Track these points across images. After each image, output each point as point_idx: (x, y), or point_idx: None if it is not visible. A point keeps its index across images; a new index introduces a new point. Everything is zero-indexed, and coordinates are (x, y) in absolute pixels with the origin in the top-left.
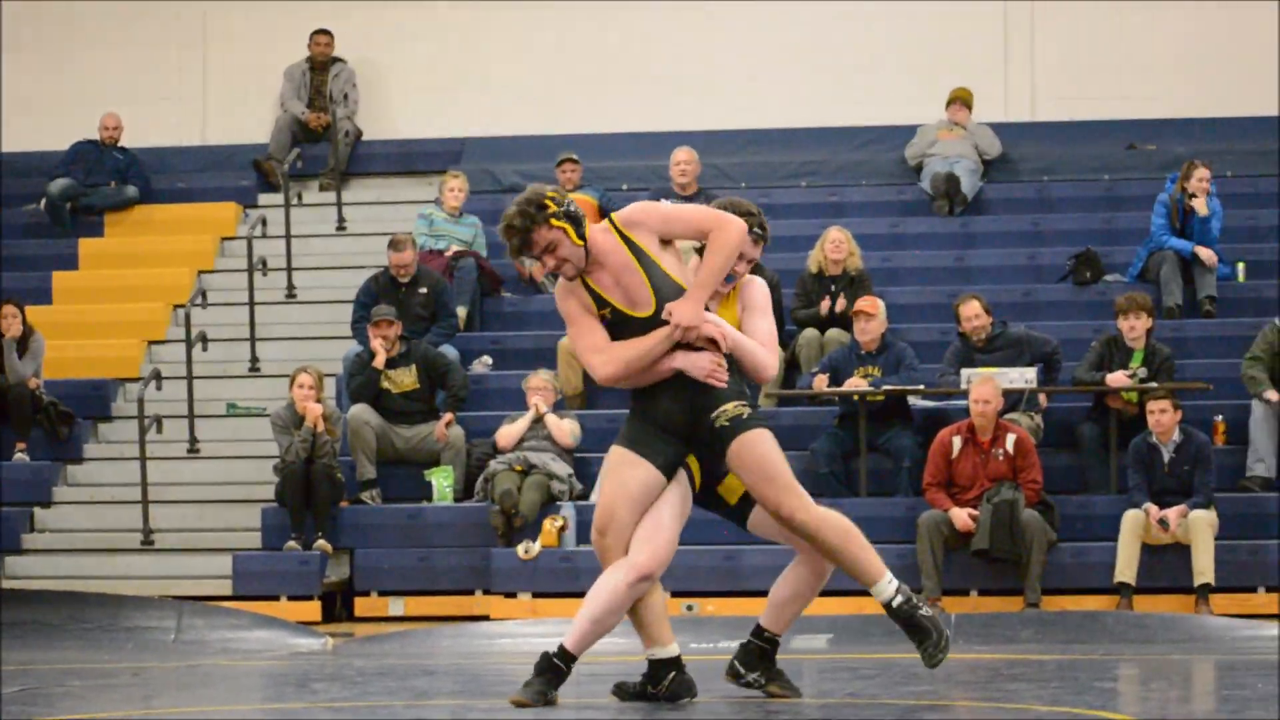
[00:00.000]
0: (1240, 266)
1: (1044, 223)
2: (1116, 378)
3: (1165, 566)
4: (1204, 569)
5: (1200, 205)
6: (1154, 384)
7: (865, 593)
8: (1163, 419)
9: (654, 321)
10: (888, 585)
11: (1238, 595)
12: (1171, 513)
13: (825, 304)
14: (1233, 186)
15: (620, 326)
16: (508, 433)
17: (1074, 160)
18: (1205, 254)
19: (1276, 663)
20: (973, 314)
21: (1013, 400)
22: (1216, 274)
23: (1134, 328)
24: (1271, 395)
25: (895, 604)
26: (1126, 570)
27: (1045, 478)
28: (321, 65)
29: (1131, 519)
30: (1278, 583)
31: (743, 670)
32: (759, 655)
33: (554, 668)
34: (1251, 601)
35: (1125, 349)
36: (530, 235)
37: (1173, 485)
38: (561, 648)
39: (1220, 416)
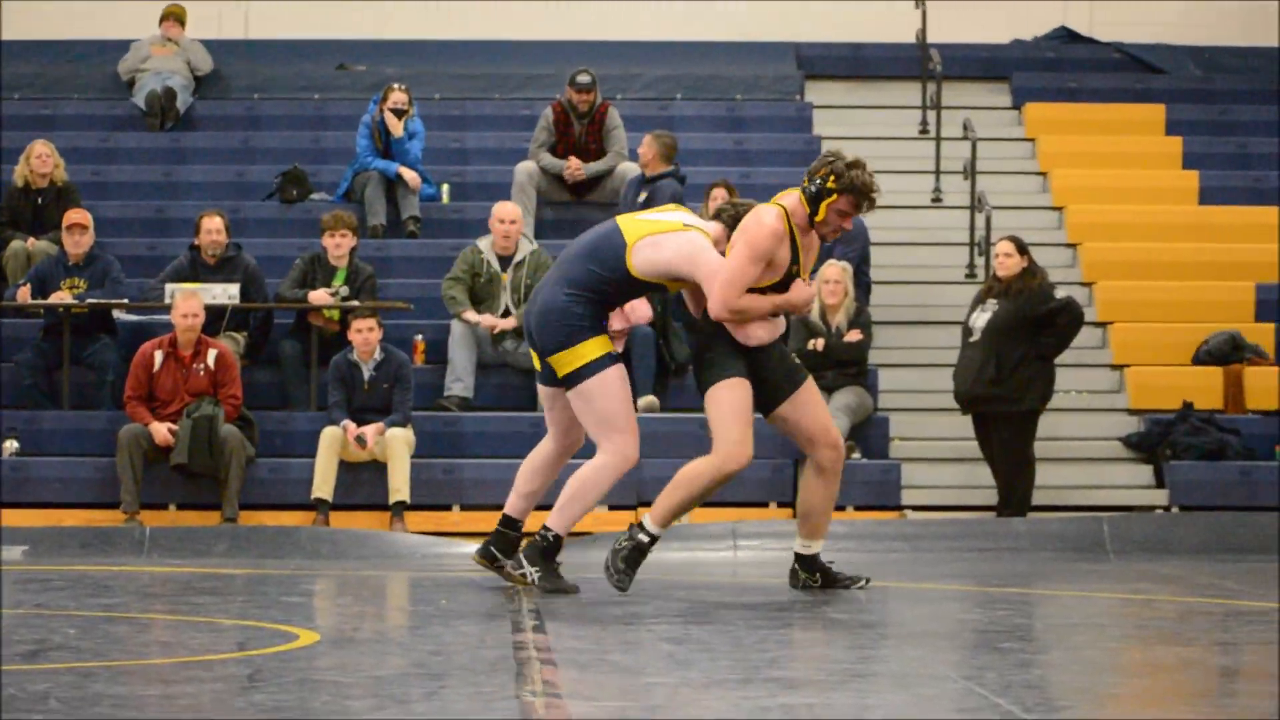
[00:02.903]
0: (445, 188)
1: (254, 140)
2: (319, 295)
3: (363, 483)
4: (399, 486)
5: (396, 126)
6: (356, 302)
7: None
8: (365, 337)
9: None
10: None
11: (433, 513)
12: (369, 430)
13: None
14: (441, 109)
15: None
16: None
17: (285, 79)
18: (408, 175)
19: (467, 580)
20: (214, 228)
21: (219, 314)
22: (420, 195)
23: (338, 245)
24: (471, 315)
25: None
26: (324, 486)
27: (246, 394)
28: None
29: (330, 435)
30: (472, 501)
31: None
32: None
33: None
34: (446, 519)
35: (329, 267)
36: None
37: (372, 403)
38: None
39: (421, 336)
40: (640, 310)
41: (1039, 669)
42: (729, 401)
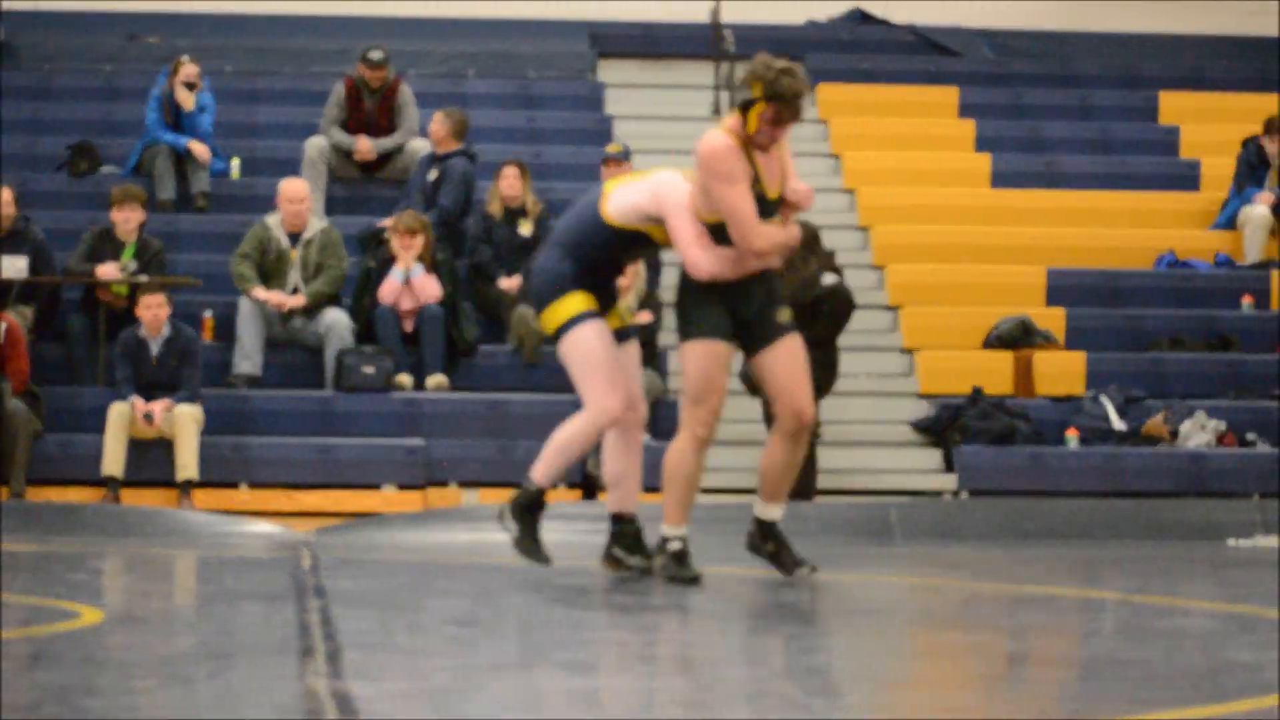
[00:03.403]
0: (235, 163)
1: (43, 111)
2: (107, 270)
3: (151, 460)
4: (187, 464)
5: (187, 100)
6: (144, 278)
7: None
8: (153, 313)
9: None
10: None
11: (221, 491)
12: (157, 406)
13: None
14: (233, 83)
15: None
16: None
17: (76, 50)
18: (198, 149)
19: (254, 559)
20: (3, 200)
21: (7, 288)
22: (210, 170)
23: (127, 220)
24: (259, 293)
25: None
26: (113, 464)
27: (33, 368)
28: None
29: (118, 412)
30: (261, 479)
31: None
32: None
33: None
34: (234, 497)
35: (117, 242)
36: None
37: (161, 379)
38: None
39: (209, 312)
40: (429, 289)
41: (822, 654)
42: (697, 366)
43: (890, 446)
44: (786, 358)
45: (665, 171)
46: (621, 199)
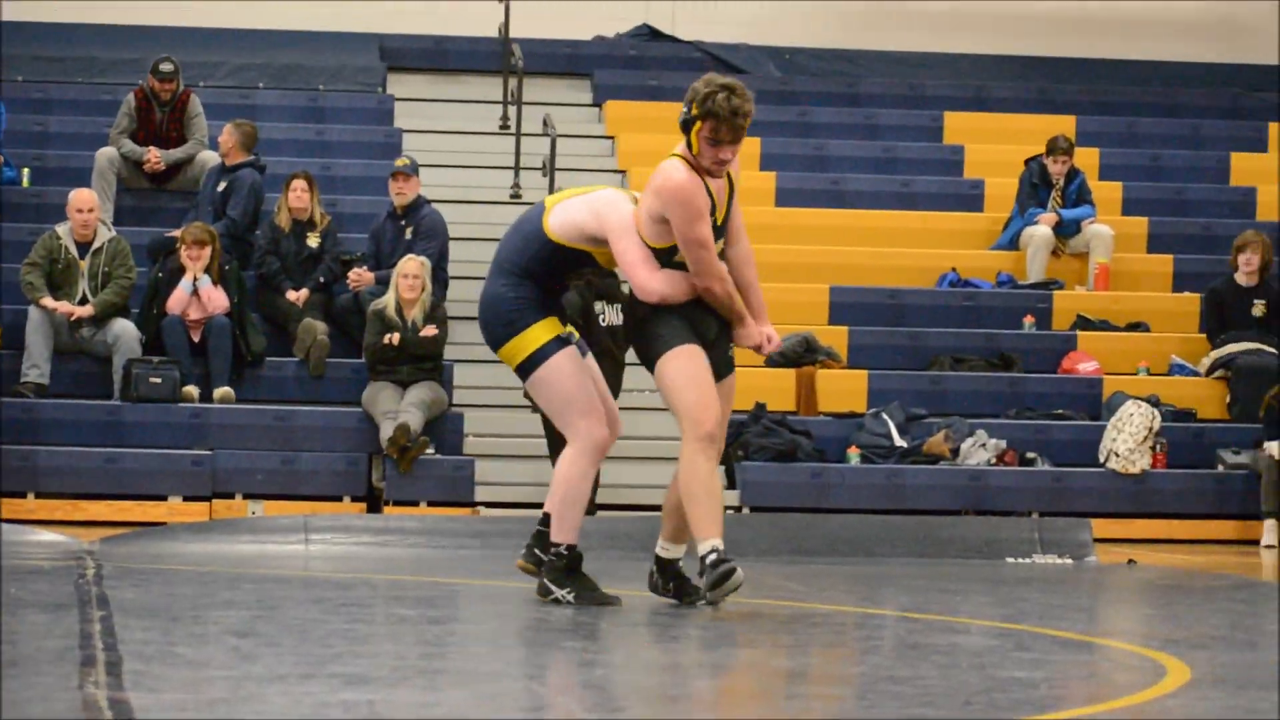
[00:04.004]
0: (25, 172)
1: None
2: None
3: None
4: None
5: None
6: None
7: None
8: None
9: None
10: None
11: (8, 500)
12: None
13: None
14: (23, 91)
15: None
16: None
17: None
18: None
19: (37, 568)
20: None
21: None
22: (2, 177)
23: None
24: (48, 302)
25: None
26: None
27: None
28: None
29: None
30: (48, 489)
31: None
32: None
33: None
34: (22, 506)
35: None
36: None
37: None
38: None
39: None
40: (216, 300)
41: (601, 668)
42: (679, 371)
43: (673, 461)
44: (727, 397)
45: (607, 190)
46: (563, 215)
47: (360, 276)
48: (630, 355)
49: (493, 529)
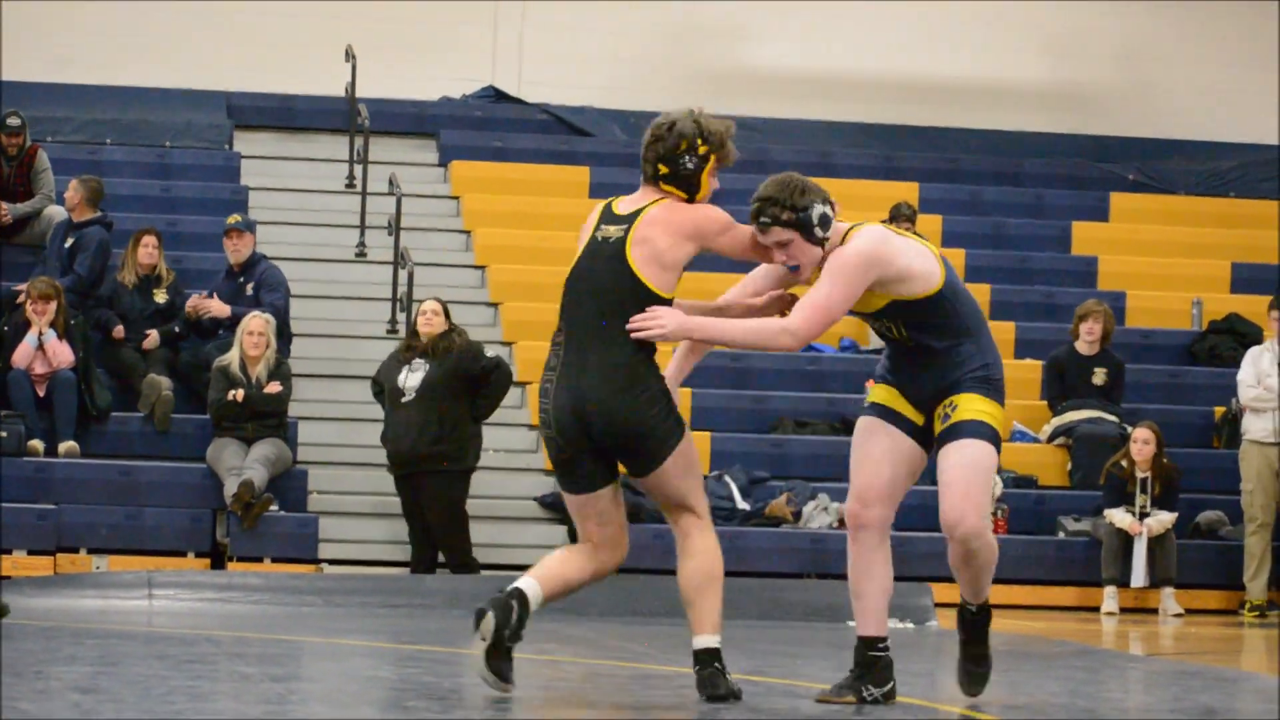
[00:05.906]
0: None
1: None
2: None
3: None
4: None
5: None
6: None
7: None
8: None
9: None
10: None
11: None
12: None
13: None
14: None
15: None
16: None
17: None
18: None
19: None
20: None
21: None
22: None
23: None
24: None
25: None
26: None
27: None
28: None
29: None
30: None
31: None
32: None
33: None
34: None
35: None
36: None
37: None
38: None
39: None
40: (62, 354)
41: None
42: (690, 455)
43: (517, 521)
44: None
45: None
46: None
47: (198, 304)
48: None
49: (336, 586)
